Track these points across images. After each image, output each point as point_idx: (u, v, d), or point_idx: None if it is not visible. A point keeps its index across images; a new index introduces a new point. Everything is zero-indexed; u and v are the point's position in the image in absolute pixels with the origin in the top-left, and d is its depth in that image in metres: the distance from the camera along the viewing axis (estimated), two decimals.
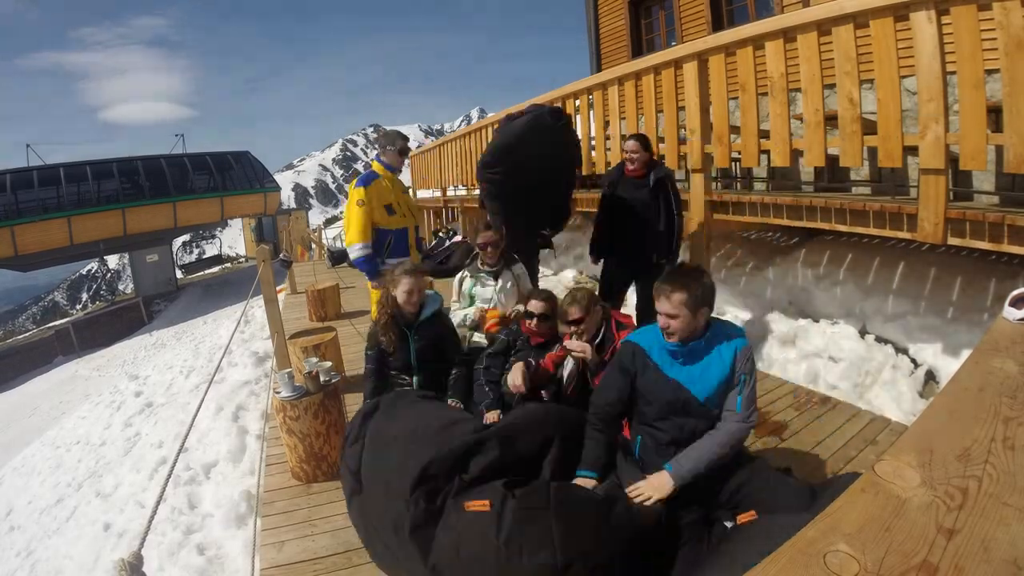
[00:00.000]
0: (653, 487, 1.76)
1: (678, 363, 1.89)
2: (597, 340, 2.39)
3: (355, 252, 3.26)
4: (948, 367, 3.14)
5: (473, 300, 3.32)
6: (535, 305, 2.64)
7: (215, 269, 30.35)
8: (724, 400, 1.86)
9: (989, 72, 2.48)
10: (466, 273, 3.40)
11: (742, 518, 1.69)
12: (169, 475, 1.52)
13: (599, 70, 8.02)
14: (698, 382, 1.87)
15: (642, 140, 3.44)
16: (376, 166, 3.35)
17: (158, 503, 1.37)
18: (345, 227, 3.35)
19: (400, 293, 2.64)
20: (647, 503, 1.73)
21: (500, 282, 3.26)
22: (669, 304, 1.82)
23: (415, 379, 2.73)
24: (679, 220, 3.45)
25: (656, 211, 3.43)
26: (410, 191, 3.89)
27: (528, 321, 2.65)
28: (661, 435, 1.90)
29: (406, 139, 3.36)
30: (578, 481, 1.92)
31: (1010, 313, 1.40)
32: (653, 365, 1.91)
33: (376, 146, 3.45)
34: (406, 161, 3.44)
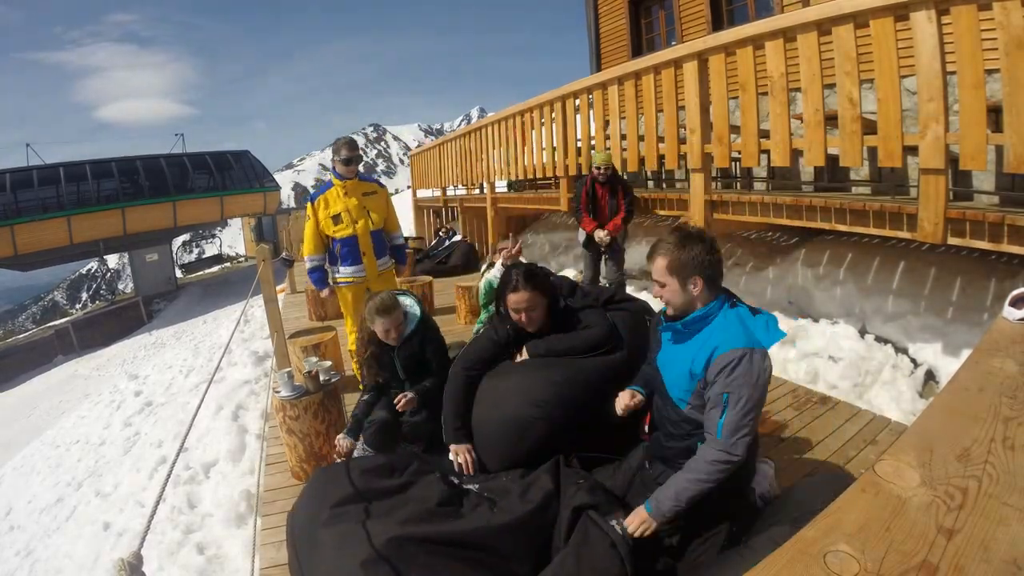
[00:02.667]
0: (636, 525, 1.57)
1: (668, 340, 1.69)
2: None
3: (306, 264, 3.56)
4: (948, 367, 3.14)
5: None
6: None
7: (215, 269, 30.34)
8: (698, 407, 1.59)
9: (989, 72, 2.48)
10: (489, 277, 3.36)
11: None
12: (169, 474, 1.51)
13: (599, 70, 8.01)
14: (667, 369, 1.67)
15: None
16: (333, 175, 3.44)
17: (158, 502, 1.37)
18: None
19: (379, 331, 2.56)
20: (647, 534, 1.57)
21: None
22: (654, 268, 1.62)
23: (404, 386, 2.68)
24: None
25: None
26: (394, 191, 3.77)
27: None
28: (658, 406, 1.77)
29: (353, 148, 3.37)
30: (624, 393, 1.87)
31: (1010, 313, 1.40)
32: (659, 335, 1.74)
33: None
34: (360, 169, 3.45)
